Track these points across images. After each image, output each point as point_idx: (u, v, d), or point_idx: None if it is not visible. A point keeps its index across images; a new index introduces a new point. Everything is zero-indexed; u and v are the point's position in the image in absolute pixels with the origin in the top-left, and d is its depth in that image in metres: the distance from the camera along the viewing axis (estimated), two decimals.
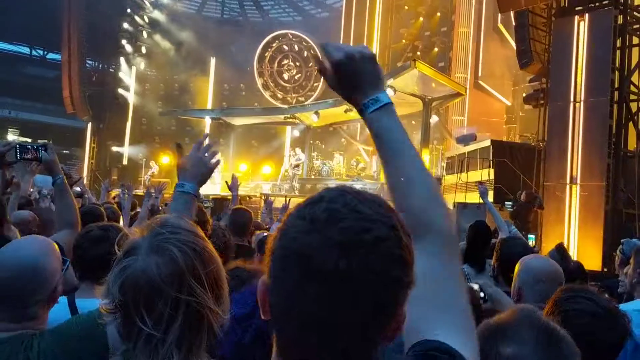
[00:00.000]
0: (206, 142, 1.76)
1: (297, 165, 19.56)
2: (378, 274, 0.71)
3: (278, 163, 23.01)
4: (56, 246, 1.67)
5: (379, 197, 0.79)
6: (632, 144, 11.14)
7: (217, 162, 1.77)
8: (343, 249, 0.70)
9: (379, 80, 1.10)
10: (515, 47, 14.17)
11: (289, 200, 6.16)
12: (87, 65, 28.17)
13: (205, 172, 1.72)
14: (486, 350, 1.00)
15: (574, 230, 10.54)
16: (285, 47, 26.50)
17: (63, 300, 1.85)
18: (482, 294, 2.25)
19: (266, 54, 26.66)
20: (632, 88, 11.11)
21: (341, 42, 24.81)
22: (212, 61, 27.66)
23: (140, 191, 18.42)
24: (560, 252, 4.77)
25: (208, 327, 1.08)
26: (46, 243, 1.67)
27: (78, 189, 6.59)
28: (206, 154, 1.73)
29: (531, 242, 5.65)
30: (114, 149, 27.41)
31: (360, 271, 0.70)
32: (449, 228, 0.98)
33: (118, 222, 4.38)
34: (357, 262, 0.70)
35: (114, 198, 8.08)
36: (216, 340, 1.10)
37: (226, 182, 4.60)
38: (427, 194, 0.99)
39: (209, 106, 26.14)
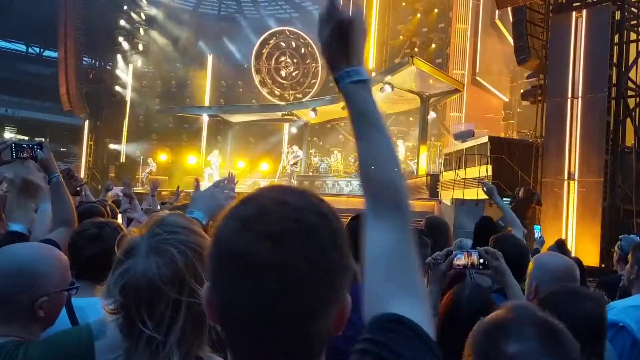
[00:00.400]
0: (226, 182, 1.85)
1: (295, 163, 19.53)
2: (311, 262, 0.72)
3: (276, 160, 22.98)
4: (63, 258, 1.63)
5: (308, 190, 0.81)
6: (629, 140, 11.16)
7: (231, 200, 1.79)
8: (274, 242, 0.71)
9: (361, 55, 1.06)
10: (512, 44, 14.17)
11: None
12: (84, 62, 28.09)
13: (215, 207, 1.73)
14: (488, 350, 0.99)
15: (571, 227, 10.56)
16: (283, 44, 26.44)
17: None
18: (480, 260, 2.27)
19: (263, 51, 26.61)
20: (630, 84, 11.12)
21: None
22: (209, 58, 27.60)
23: (138, 188, 18.42)
24: (561, 247, 4.78)
25: (210, 326, 1.07)
26: (42, 249, 1.64)
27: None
28: (222, 192, 1.78)
29: (537, 234, 5.59)
30: (112, 146, 27.35)
31: (293, 261, 0.71)
32: (410, 207, 1.01)
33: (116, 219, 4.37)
34: (289, 253, 0.71)
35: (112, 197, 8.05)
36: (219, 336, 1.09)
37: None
38: (400, 173, 1.02)
39: (207, 103, 26.09)
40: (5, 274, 1.48)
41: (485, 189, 4.23)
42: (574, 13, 11.14)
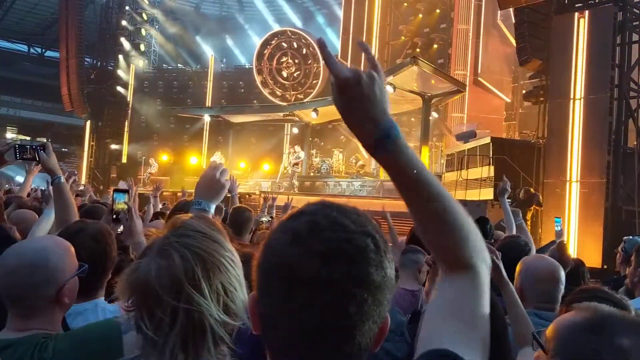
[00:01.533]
0: (219, 163, 1.91)
1: (296, 164, 19.50)
2: (359, 281, 0.75)
3: (277, 161, 22.97)
4: (67, 244, 1.64)
5: (358, 209, 0.82)
6: (631, 141, 11.15)
7: (229, 181, 1.88)
8: (324, 259, 0.74)
9: (385, 108, 0.89)
10: (514, 44, 14.16)
11: (291, 199, 6.05)
12: (86, 62, 28.11)
13: (219, 190, 1.79)
14: (596, 347, 1.00)
15: (573, 228, 10.55)
16: (284, 45, 26.40)
17: None
18: None
19: (265, 52, 26.58)
20: (632, 85, 11.10)
21: (340, 37, 24.96)
22: (211, 59, 27.61)
23: (140, 189, 18.40)
24: (560, 250, 4.77)
25: (213, 334, 1.05)
26: (54, 241, 1.66)
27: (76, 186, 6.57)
28: (219, 172, 1.82)
29: (557, 226, 5.61)
30: (113, 146, 27.36)
31: (341, 279, 0.73)
32: (488, 268, 0.94)
33: None
34: (338, 271, 0.73)
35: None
36: (227, 343, 1.08)
37: None
38: (478, 236, 0.93)
39: (208, 104, 26.07)
40: (21, 271, 1.49)
41: (500, 187, 4.35)
42: (576, 14, 11.13)
